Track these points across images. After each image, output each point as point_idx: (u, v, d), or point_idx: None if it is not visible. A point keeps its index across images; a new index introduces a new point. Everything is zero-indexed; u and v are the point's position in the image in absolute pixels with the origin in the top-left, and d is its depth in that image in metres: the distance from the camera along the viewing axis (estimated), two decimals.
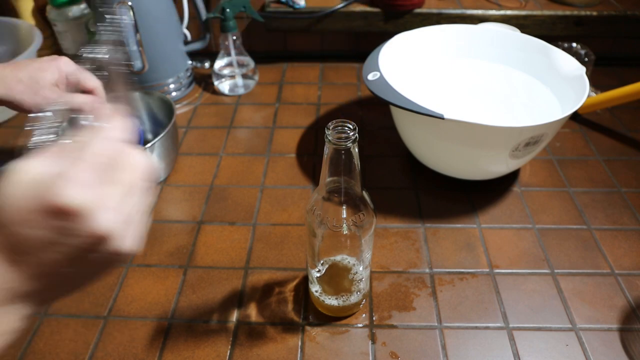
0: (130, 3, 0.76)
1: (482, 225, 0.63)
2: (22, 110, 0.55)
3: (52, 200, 0.24)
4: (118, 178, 0.27)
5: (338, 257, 0.50)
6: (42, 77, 0.55)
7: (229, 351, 0.49)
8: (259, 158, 0.75)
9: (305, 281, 0.56)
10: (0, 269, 0.25)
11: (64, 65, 0.57)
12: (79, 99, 0.59)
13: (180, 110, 0.86)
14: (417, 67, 0.76)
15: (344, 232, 0.45)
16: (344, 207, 0.44)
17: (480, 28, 0.77)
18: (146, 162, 0.29)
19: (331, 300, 0.50)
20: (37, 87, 0.54)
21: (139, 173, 0.28)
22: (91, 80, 0.59)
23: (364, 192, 0.44)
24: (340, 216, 0.44)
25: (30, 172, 0.25)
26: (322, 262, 0.49)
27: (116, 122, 0.28)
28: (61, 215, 0.24)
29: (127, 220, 0.27)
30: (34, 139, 0.35)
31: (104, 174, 0.26)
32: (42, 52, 0.93)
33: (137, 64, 0.81)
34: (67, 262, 0.26)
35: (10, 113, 0.85)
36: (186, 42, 0.89)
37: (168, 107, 0.71)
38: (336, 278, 0.50)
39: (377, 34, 0.91)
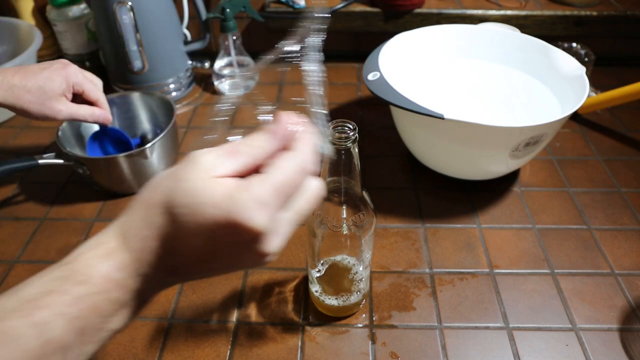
0: (130, 3, 0.76)
1: (482, 225, 0.63)
2: (29, 117, 0.57)
3: (242, 219, 0.26)
4: (295, 206, 0.29)
5: (338, 257, 0.50)
6: (50, 88, 0.56)
7: (229, 351, 0.49)
8: None
9: (305, 281, 0.56)
10: (162, 260, 0.28)
11: (72, 75, 0.58)
12: (85, 111, 0.60)
13: (180, 110, 0.86)
14: (417, 67, 0.76)
15: (344, 232, 0.45)
16: (344, 207, 0.44)
17: (480, 28, 0.77)
18: (320, 192, 0.31)
19: (331, 300, 0.50)
20: (44, 98, 0.56)
21: (312, 204, 0.30)
22: (94, 92, 0.60)
23: (364, 192, 0.45)
24: (340, 216, 0.44)
25: (224, 183, 0.27)
26: (322, 262, 0.49)
27: (311, 152, 0.30)
28: (243, 234, 0.26)
29: (285, 239, 0.29)
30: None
31: (286, 201, 0.28)
32: (42, 52, 0.93)
33: (137, 64, 0.81)
34: (225, 267, 0.29)
35: (11, 113, 0.85)
36: (186, 42, 0.89)
37: (168, 107, 0.71)
38: (336, 278, 0.50)
39: (377, 34, 0.91)
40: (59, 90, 0.57)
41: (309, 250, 0.49)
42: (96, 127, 0.68)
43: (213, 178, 0.27)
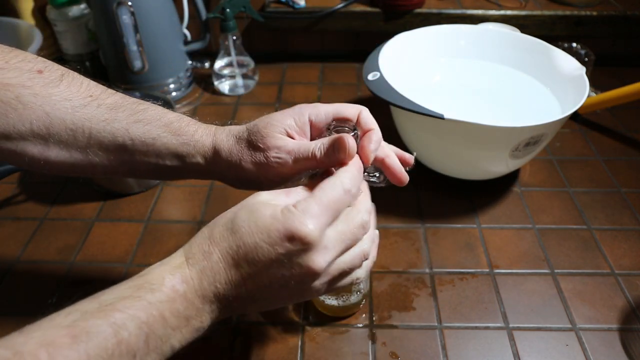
0: (130, 3, 0.76)
1: (482, 225, 0.63)
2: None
3: (296, 227, 0.31)
4: (339, 226, 0.34)
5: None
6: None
7: (229, 351, 0.49)
8: None
9: None
10: (222, 272, 0.32)
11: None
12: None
13: (180, 110, 0.86)
14: (417, 67, 0.76)
15: None
16: None
17: (480, 28, 0.77)
18: (366, 217, 0.36)
19: (331, 301, 0.50)
20: None
21: (356, 225, 0.34)
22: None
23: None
24: None
25: (279, 204, 0.33)
26: None
27: (352, 178, 0.35)
28: (296, 240, 0.31)
29: (333, 269, 0.34)
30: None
31: (333, 219, 0.33)
32: (42, 52, 0.93)
33: (137, 64, 0.81)
34: (276, 282, 0.32)
35: None
36: (186, 42, 0.89)
37: (168, 107, 0.71)
38: None
39: (377, 34, 0.91)
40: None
41: None
42: None
43: (270, 203, 0.33)
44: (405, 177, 0.42)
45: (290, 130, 0.39)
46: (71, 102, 0.38)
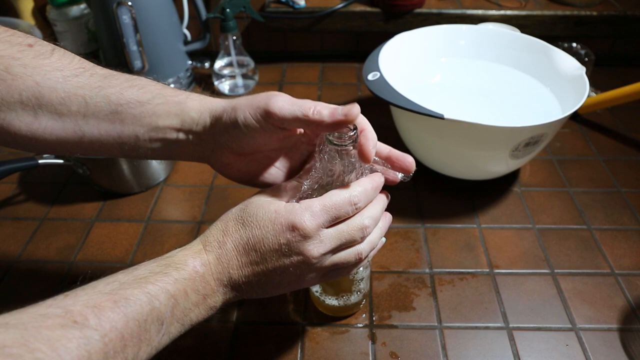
0: (130, 3, 0.76)
1: (482, 225, 0.63)
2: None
3: (296, 220, 0.36)
4: (339, 227, 0.37)
5: None
6: None
7: (229, 351, 0.49)
8: None
9: None
10: (234, 259, 0.36)
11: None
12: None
13: None
14: (417, 67, 0.76)
15: None
16: None
17: (480, 28, 0.77)
18: (370, 243, 0.40)
19: (331, 300, 0.50)
20: None
21: (354, 230, 0.38)
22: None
23: None
24: None
25: (283, 201, 0.38)
26: None
27: (362, 192, 0.38)
28: (296, 230, 0.36)
29: (327, 261, 0.38)
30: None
31: (333, 221, 0.37)
32: None
33: (137, 64, 0.81)
34: (279, 269, 0.37)
35: None
36: (186, 42, 0.89)
37: None
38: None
39: (377, 34, 0.91)
40: None
41: None
42: None
43: (275, 201, 0.38)
44: (411, 166, 0.42)
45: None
46: (62, 72, 0.38)
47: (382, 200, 0.41)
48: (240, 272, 0.37)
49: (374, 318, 0.52)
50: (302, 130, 0.41)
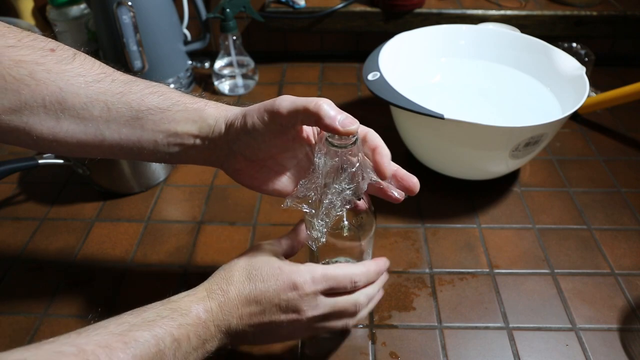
0: (130, 3, 0.76)
1: (482, 225, 0.63)
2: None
3: (298, 281, 0.39)
4: (336, 298, 0.41)
5: (339, 259, 0.49)
6: None
7: (229, 351, 0.49)
8: None
9: None
10: (236, 309, 0.39)
11: None
12: None
13: None
14: (417, 67, 0.76)
15: (344, 234, 0.44)
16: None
17: (480, 28, 0.77)
18: (359, 304, 0.42)
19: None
20: None
21: (349, 304, 0.42)
22: None
23: (363, 196, 0.44)
24: (340, 218, 0.44)
25: (287, 262, 0.42)
26: (321, 263, 0.49)
27: (364, 274, 0.42)
28: (296, 290, 0.39)
29: (318, 324, 0.41)
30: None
31: (330, 291, 0.40)
32: None
33: (137, 64, 0.81)
34: (274, 322, 0.39)
35: None
36: (186, 42, 0.89)
37: None
38: None
39: (377, 34, 0.91)
40: None
41: (308, 252, 0.49)
42: None
43: (281, 258, 0.42)
44: (415, 187, 0.42)
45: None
46: (85, 78, 0.38)
47: (382, 281, 0.46)
48: (239, 321, 0.39)
49: (374, 318, 0.52)
50: (310, 132, 0.42)
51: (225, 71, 0.89)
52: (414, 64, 0.75)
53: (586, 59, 0.83)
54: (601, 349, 0.49)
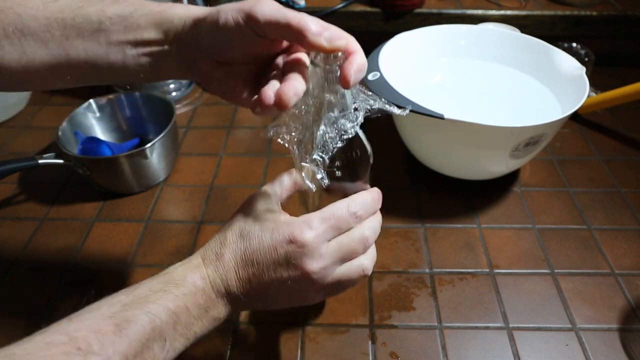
0: None
1: (482, 225, 0.63)
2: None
3: (295, 233, 0.35)
4: (339, 239, 0.37)
5: None
6: None
7: (228, 351, 0.49)
8: (259, 158, 0.75)
9: None
10: (232, 271, 0.37)
11: None
12: None
13: (180, 110, 0.86)
14: (417, 67, 0.76)
15: (337, 175, 0.39)
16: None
17: (480, 28, 0.77)
18: (372, 258, 0.40)
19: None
20: None
21: (355, 243, 0.38)
22: None
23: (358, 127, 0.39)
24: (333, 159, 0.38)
25: (282, 213, 0.39)
26: None
27: (363, 202, 0.38)
28: (294, 243, 0.35)
29: (328, 277, 0.37)
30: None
31: (332, 234, 0.37)
32: None
33: None
34: (276, 281, 0.36)
35: (11, 113, 0.85)
36: None
37: (168, 107, 0.71)
38: None
39: (377, 34, 0.91)
40: None
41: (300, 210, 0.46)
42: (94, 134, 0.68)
43: (274, 212, 0.38)
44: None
45: None
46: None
47: (380, 216, 0.41)
48: (238, 283, 0.37)
49: (374, 318, 0.52)
50: (286, 44, 0.38)
51: None
52: (414, 64, 0.75)
53: (586, 59, 0.83)
54: (601, 349, 0.49)
